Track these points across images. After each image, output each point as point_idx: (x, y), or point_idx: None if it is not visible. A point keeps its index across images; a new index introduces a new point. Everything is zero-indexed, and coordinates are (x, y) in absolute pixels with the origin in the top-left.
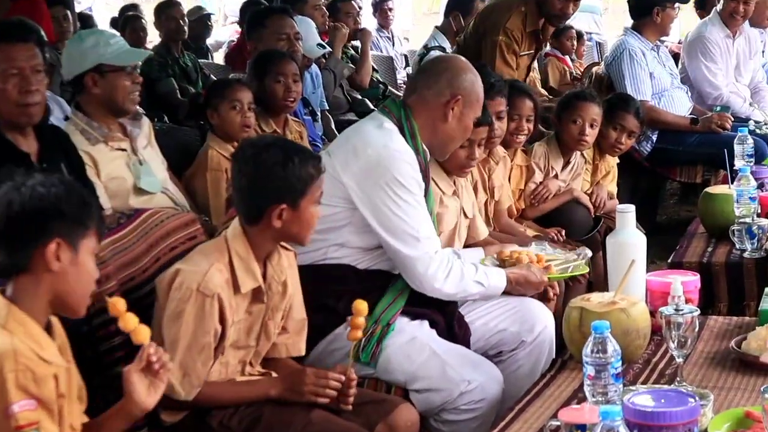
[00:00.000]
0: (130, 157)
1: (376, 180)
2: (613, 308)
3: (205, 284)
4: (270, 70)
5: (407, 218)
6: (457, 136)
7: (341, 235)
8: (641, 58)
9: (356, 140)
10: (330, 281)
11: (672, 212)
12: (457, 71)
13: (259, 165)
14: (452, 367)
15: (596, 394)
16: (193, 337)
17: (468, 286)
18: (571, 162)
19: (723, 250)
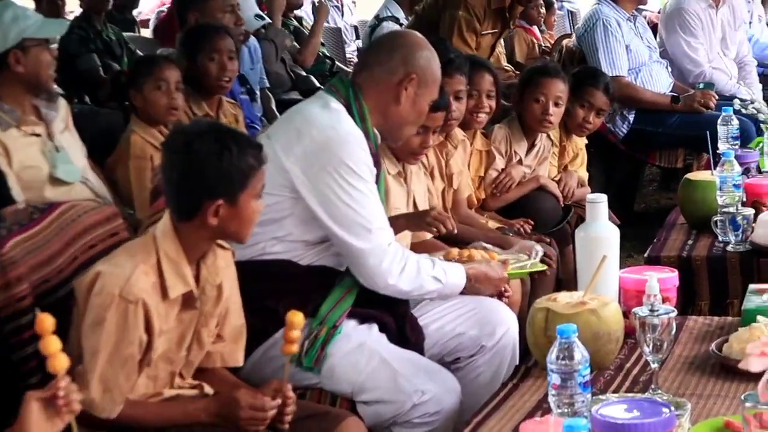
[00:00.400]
0: (46, 143)
1: (323, 165)
2: (582, 309)
3: (129, 289)
4: (203, 47)
5: (358, 207)
6: (411, 120)
7: (282, 228)
8: (616, 29)
9: (300, 121)
10: (268, 279)
11: (651, 200)
12: (412, 48)
13: (192, 156)
14: (404, 376)
15: (562, 405)
16: (115, 348)
17: (425, 283)
18: (536, 145)
19: (704, 243)
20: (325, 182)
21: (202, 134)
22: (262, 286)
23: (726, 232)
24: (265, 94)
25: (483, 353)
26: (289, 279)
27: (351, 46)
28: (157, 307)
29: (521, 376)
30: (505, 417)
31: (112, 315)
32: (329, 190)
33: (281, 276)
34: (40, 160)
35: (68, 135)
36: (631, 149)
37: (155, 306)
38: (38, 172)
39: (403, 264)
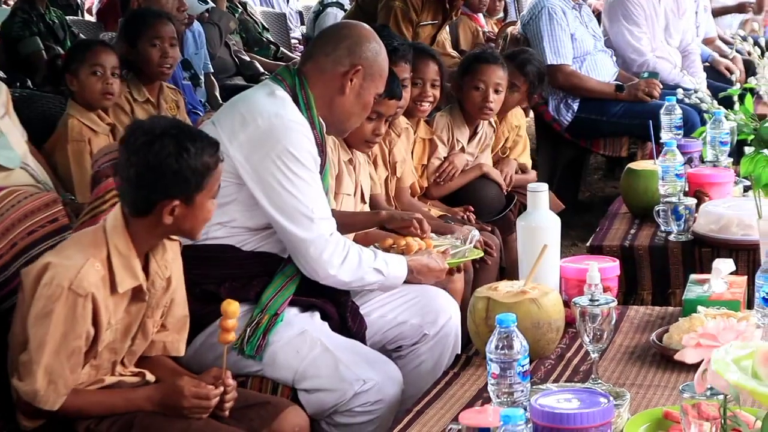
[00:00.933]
0: None
1: (267, 152)
2: (523, 298)
3: (79, 282)
4: (144, 33)
5: (300, 196)
6: (356, 113)
7: (226, 213)
8: (561, 17)
9: (244, 108)
10: (210, 264)
11: (596, 188)
12: (359, 39)
13: (151, 156)
14: (346, 365)
15: (501, 395)
16: (63, 341)
17: (366, 274)
18: (478, 132)
19: (647, 233)
20: (268, 169)
21: (162, 135)
22: (204, 270)
23: (668, 222)
24: (209, 79)
25: (425, 341)
26: (231, 264)
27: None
28: (106, 301)
29: (462, 365)
30: (445, 406)
31: (61, 308)
32: (272, 177)
33: (223, 261)
34: None
35: (8, 120)
36: (575, 137)
37: (104, 300)
38: None
39: (344, 255)
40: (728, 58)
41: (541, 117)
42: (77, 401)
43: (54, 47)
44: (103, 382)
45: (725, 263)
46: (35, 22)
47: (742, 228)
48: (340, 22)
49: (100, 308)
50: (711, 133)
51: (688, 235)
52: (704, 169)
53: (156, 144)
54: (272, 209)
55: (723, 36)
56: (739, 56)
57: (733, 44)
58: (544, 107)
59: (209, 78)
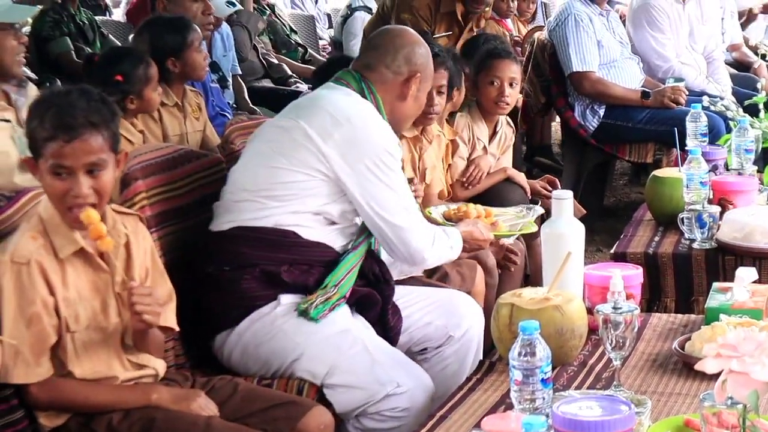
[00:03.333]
0: (15, 129)
1: (365, 150)
2: (547, 305)
3: (18, 252)
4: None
5: (398, 189)
6: (413, 114)
7: (304, 204)
8: (588, 24)
9: (332, 109)
10: (272, 247)
11: (621, 194)
12: (413, 46)
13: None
14: (382, 366)
15: (523, 401)
16: (18, 310)
17: (445, 252)
18: (498, 132)
19: (671, 240)
20: (366, 167)
21: (60, 90)
22: (264, 252)
23: (692, 230)
24: (237, 81)
25: (450, 344)
26: (291, 249)
27: (323, 34)
28: (52, 266)
29: (485, 371)
30: (468, 412)
31: (8, 280)
32: (371, 174)
33: (284, 245)
34: (9, 146)
35: None
36: (601, 143)
37: (51, 265)
38: (7, 158)
39: (432, 238)
40: (753, 65)
41: (567, 123)
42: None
43: (84, 47)
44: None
45: (748, 272)
46: (66, 23)
47: (765, 237)
48: (389, 29)
49: (48, 274)
50: (736, 141)
51: (712, 243)
52: (729, 177)
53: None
54: (372, 203)
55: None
56: (764, 64)
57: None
58: (570, 113)
59: (237, 80)
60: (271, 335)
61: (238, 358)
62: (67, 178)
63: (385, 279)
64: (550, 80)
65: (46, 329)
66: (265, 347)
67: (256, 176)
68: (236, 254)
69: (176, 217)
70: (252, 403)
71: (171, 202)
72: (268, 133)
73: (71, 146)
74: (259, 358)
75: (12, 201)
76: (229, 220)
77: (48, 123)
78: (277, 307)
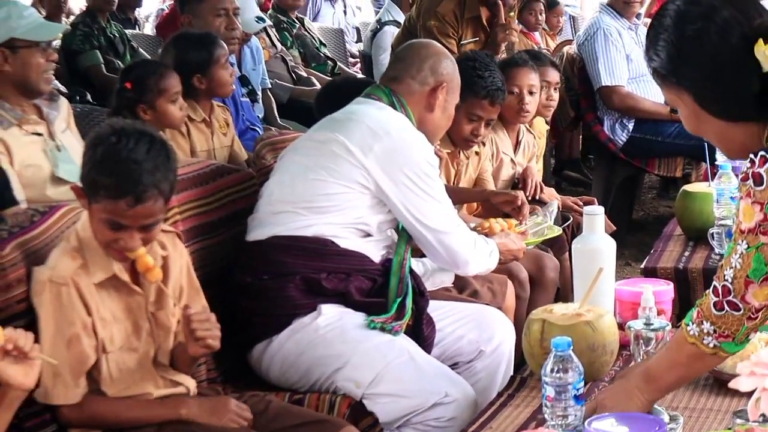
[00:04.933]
0: (47, 142)
1: (405, 162)
2: (578, 321)
3: (57, 273)
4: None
5: (439, 198)
6: (443, 125)
7: (343, 215)
8: (617, 38)
9: (370, 122)
10: (311, 255)
11: (650, 208)
12: (438, 57)
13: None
14: (429, 376)
15: (555, 418)
16: (58, 331)
17: (485, 260)
18: (521, 141)
19: (701, 255)
20: (408, 178)
21: (128, 134)
22: (304, 260)
23: (722, 245)
24: (267, 95)
25: (481, 358)
26: (329, 258)
27: (353, 48)
28: (89, 287)
29: (516, 387)
30: (500, 427)
31: (48, 301)
32: (412, 184)
33: (323, 253)
34: (41, 159)
35: (69, 134)
36: (630, 157)
37: (87, 287)
38: (39, 171)
39: (473, 243)
40: None
41: (596, 137)
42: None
43: (114, 60)
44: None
45: None
46: (96, 36)
47: None
48: (414, 43)
49: (85, 295)
50: None
51: None
52: None
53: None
54: (415, 213)
55: None
56: None
57: None
58: (599, 127)
59: (267, 94)
60: (314, 344)
61: (277, 368)
62: (118, 230)
63: (420, 291)
64: (579, 94)
65: (85, 350)
66: (308, 356)
67: (294, 188)
68: (276, 263)
69: (208, 231)
70: (283, 421)
71: (203, 217)
72: (304, 147)
73: (134, 210)
74: (300, 367)
75: (46, 215)
76: (267, 231)
77: (113, 179)
78: (318, 317)
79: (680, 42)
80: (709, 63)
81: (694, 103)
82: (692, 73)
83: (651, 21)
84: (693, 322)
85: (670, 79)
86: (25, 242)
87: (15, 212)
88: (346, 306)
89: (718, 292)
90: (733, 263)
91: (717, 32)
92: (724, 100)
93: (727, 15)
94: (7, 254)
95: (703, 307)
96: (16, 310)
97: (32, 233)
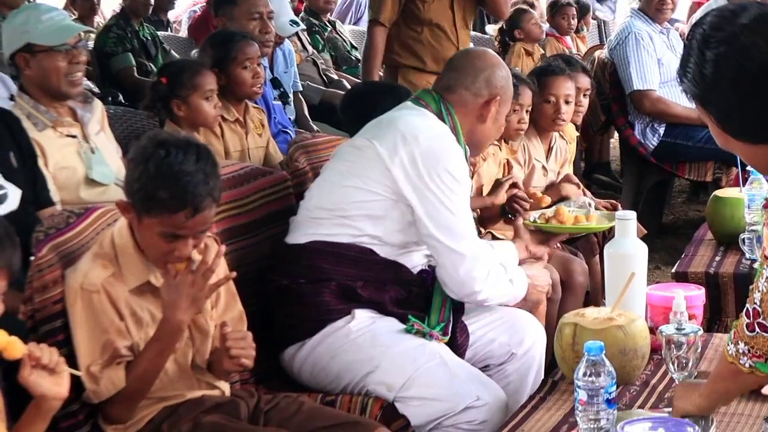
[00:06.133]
0: (81, 144)
1: (428, 169)
2: (610, 325)
3: (88, 280)
4: (234, 56)
5: (458, 213)
6: (493, 136)
7: (377, 227)
8: (648, 42)
9: (403, 127)
10: (349, 262)
11: (680, 212)
12: (493, 69)
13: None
14: (460, 379)
15: (588, 421)
16: (91, 337)
17: (503, 289)
18: (553, 147)
19: (731, 260)
20: (428, 186)
21: (174, 146)
22: (342, 268)
23: (753, 250)
24: (298, 98)
25: (512, 361)
26: (367, 267)
27: None
28: (122, 293)
29: (548, 390)
30: (531, 430)
31: (80, 308)
32: (431, 194)
33: (361, 262)
34: (75, 161)
35: (103, 136)
36: (660, 161)
37: (121, 294)
38: (74, 173)
39: (487, 271)
40: None
41: (627, 141)
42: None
43: (146, 63)
44: (184, 396)
45: None
46: (129, 39)
47: None
48: (470, 52)
49: (118, 301)
50: None
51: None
52: None
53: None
54: (431, 224)
55: None
56: None
57: None
58: (630, 131)
59: (298, 97)
60: (345, 348)
61: (308, 371)
62: (174, 240)
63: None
64: (611, 99)
65: (120, 352)
66: (339, 360)
67: (330, 195)
68: (313, 268)
69: (242, 233)
70: (315, 422)
71: (237, 219)
72: (344, 153)
73: (192, 221)
74: (332, 371)
75: (82, 217)
76: (307, 234)
77: (170, 193)
78: (351, 321)
79: (703, 65)
80: (729, 88)
81: (716, 125)
82: (713, 97)
83: (684, 41)
84: (731, 342)
85: (696, 101)
86: (60, 243)
87: (51, 214)
88: (380, 312)
89: (749, 313)
90: (760, 287)
91: (736, 58)
92: (744, 124)
93: (747, 41)
94: (44, 255)
95: (738, 328)
96: (53, 311)
97: (68, 235)
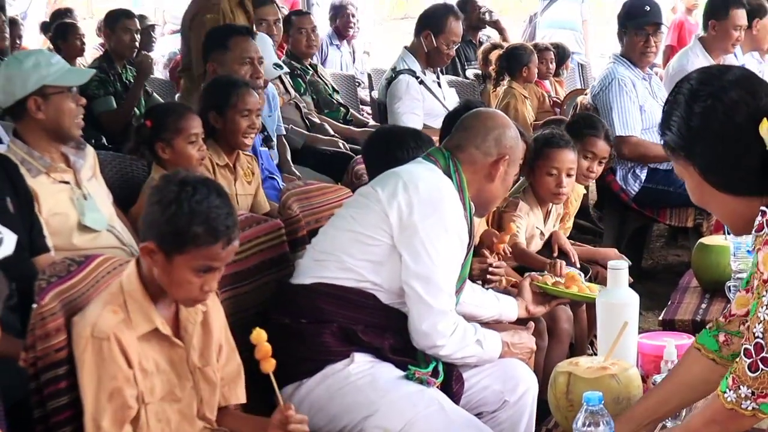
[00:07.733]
0: (74, 190)
1: (421, 218)
2: (604, 374)
3: (99, 328)
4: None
5: (440, 266)
6: (500, 195)
7: (378, 274)
8: (631, 89)
9: (406, 177)
10: (351, 306)
11: (659, 257)
12: (503, 129)
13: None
14: (458, 425)
15: None
16: (99, 385)
17: (467, 347)
18: (550, 212)
19: (717, 307)
20: (417, 234)
21: (194, 184)
22: (343, 310)
23: None
24: (281, 142)
25: (505, 408)
26: (368, 311)
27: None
28: (131, 340)
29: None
30: None
31: (89, 355)
32: (419, 242)
33: (363, 306)
34: (68, 208)
35: (95, 182)
36: (642, 207)
37: (130, 341)
38: (66, 219)
39: (453, 328)
40: None
41: (609, 187)
42: None
43: None
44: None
45: None
46: (112, 82)
47: None
48: (481, 112)
49: (127, 349)
50: None
51: None
52: None
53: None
54: (410, 270)
55: None
56: None
57: None
58: (612, 177)
59: (281, 141)
60: (344, 391)
61: (305, 411)
62: (208, 272)
63: None
64: None
65: (127, 402)
66: (337, 402)
67: (334, 240)
68: (315, 308)
69: (239, 280)
70: None
71: (231, 267)
72: (352, 200)
73: (228, 250)
74: (329, 412)
75: (83, 265)
76: (312, 276)
77: (205, 227)
78: (350, 364)
79: (690, 118)
80: (716, 140)
81: (700, 176)
82: (699, 149)
83: (667, 97)
84: (729, 388)
85: (679, 152)
86: (63, 291)
87: (52, 262)
88: (378, 358)
89: (750, 353)
90: (761, 316)
91: (724, 111)
92: (729, 176)
93: (734, 95)
94: (47, 304)
95: (738, 373)
96: (55, 358)
97: (69, 282)
